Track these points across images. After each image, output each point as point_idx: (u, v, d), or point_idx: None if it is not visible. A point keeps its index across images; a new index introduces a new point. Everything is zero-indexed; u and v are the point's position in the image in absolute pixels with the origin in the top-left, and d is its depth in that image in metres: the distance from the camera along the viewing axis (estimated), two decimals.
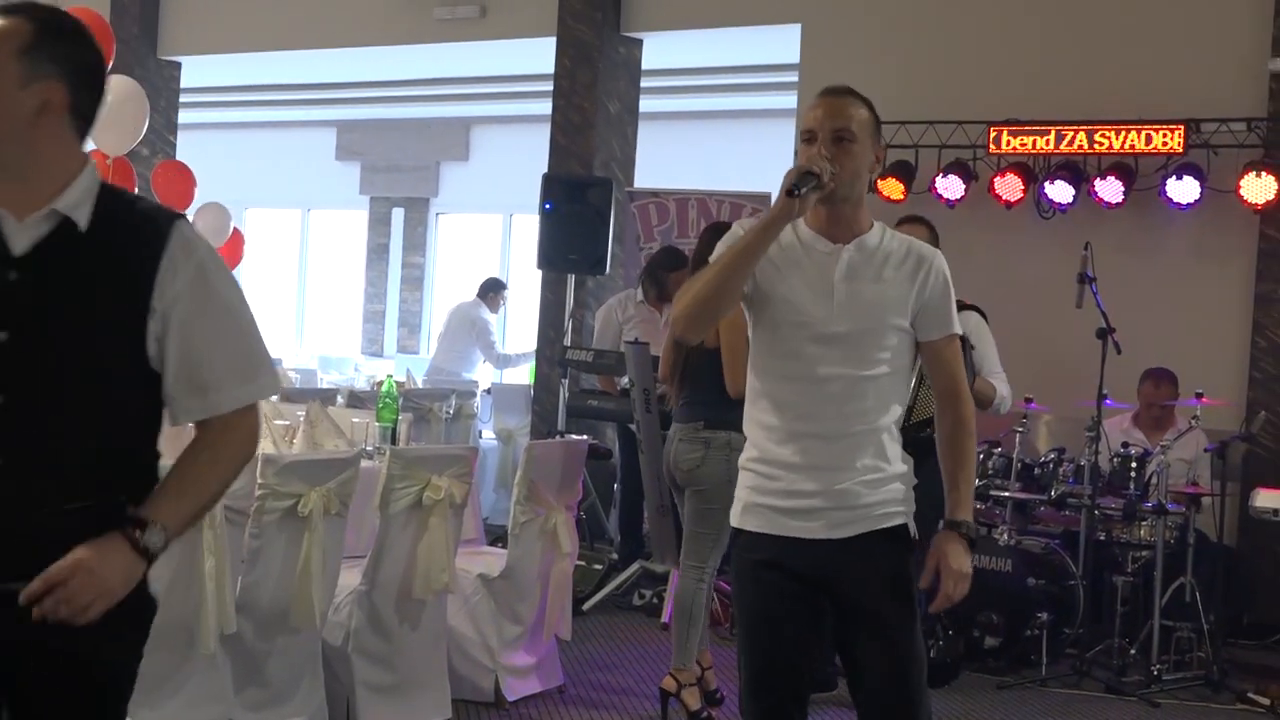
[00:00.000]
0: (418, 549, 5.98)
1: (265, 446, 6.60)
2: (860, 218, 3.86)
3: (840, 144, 3.76)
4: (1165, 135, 8.98)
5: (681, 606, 6.42)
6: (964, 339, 5.87)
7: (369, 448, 6.69)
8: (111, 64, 14.40)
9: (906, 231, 4.15)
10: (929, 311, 3.84)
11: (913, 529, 3.87)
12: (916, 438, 5.39)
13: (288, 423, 6.88)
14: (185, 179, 12.20)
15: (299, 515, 5.48)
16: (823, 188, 3.68)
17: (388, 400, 7.06)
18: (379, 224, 18.36)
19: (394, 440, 6.93)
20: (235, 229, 13.77)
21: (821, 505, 3.76)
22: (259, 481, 5.38)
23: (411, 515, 5.97)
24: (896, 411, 3.86)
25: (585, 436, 9.80)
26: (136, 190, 14.32)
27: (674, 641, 6.48)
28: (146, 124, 10.08)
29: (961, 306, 6.43)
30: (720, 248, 3.81)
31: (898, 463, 3.84)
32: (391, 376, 7.67)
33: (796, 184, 3.65)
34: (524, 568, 6.54)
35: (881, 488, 3.80)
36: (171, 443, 2.99)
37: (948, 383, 3.91)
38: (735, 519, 3.93)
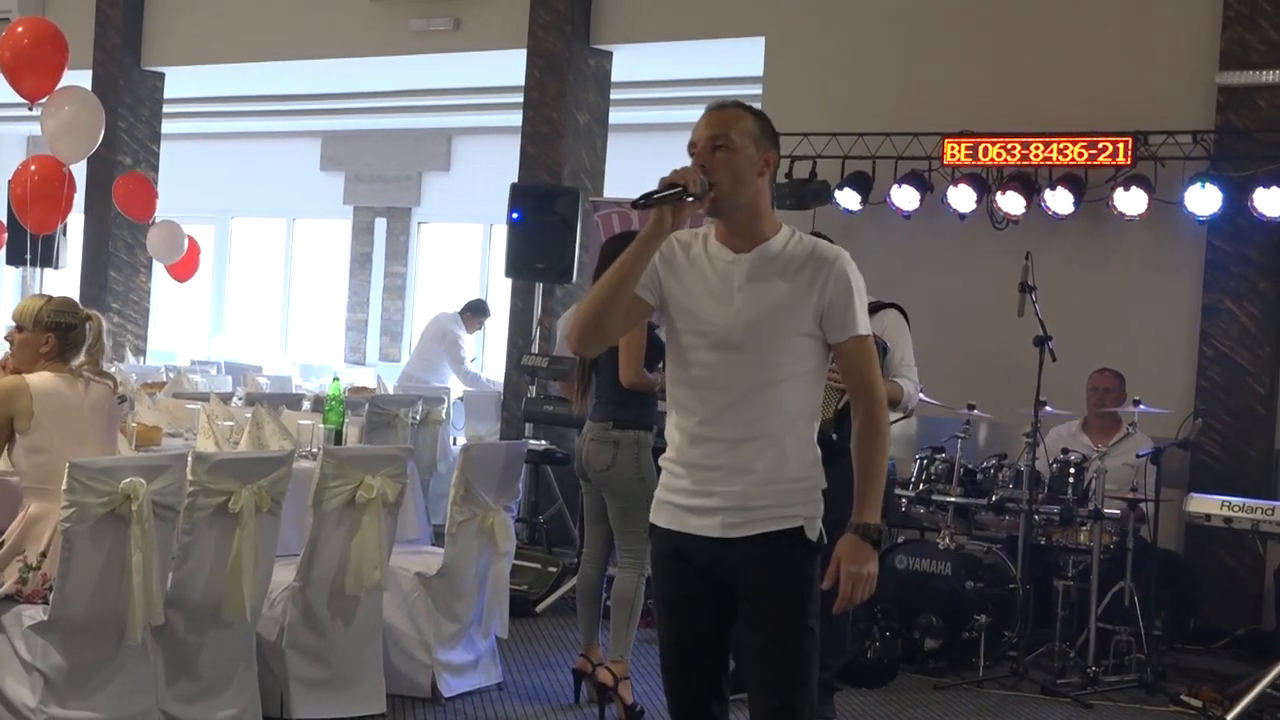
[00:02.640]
0: (351, 546, 6.08)
1: (207, 446, 6.74)
2: (761, 225, 3.92)
3: (717, 152, 3.84)
4: (1114, 148, 9.08)
5: (622, 598, 6.57)
6: (879, 341, 6.00)
7: (313, 449, 6.80)
8: (92, 74, 14.63)
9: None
10: (832, 314, 3.88)
11: (812, 532, 3.91)
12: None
13: (233, 423, 6.99)
14: (146, 191, 12.32)
15: (230, 512, 5.58)
16: (694, 196, 3.75)
17: (334, 403, 7.17)
18: (362, 233, 18.47)
19: (339, 442, 7.05)
20: (191, 240, 13.88)
21: (719, 505, 3.87)
22: (190, 479, 5.49)
23: (345, 513, 6.08)
24: (802, 416, 3.92)
25: (543, 441, 9.96)
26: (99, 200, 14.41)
27: (612, 634, 6.61)
28: (102, 133, 10.18)
29: (881, 305, 6.60)
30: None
31: (802, 467, 3.90)
32: (338, 380, 7.76)
33: (652, 194, 3.73)
34: (461, 566, 6.63)
35: (780, 491, 3.87)
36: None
37: (857, 382, 3.96)
38: (651, 514, 4.07)
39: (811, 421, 3.97)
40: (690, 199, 3.75)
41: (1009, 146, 9.37)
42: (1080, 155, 9.18)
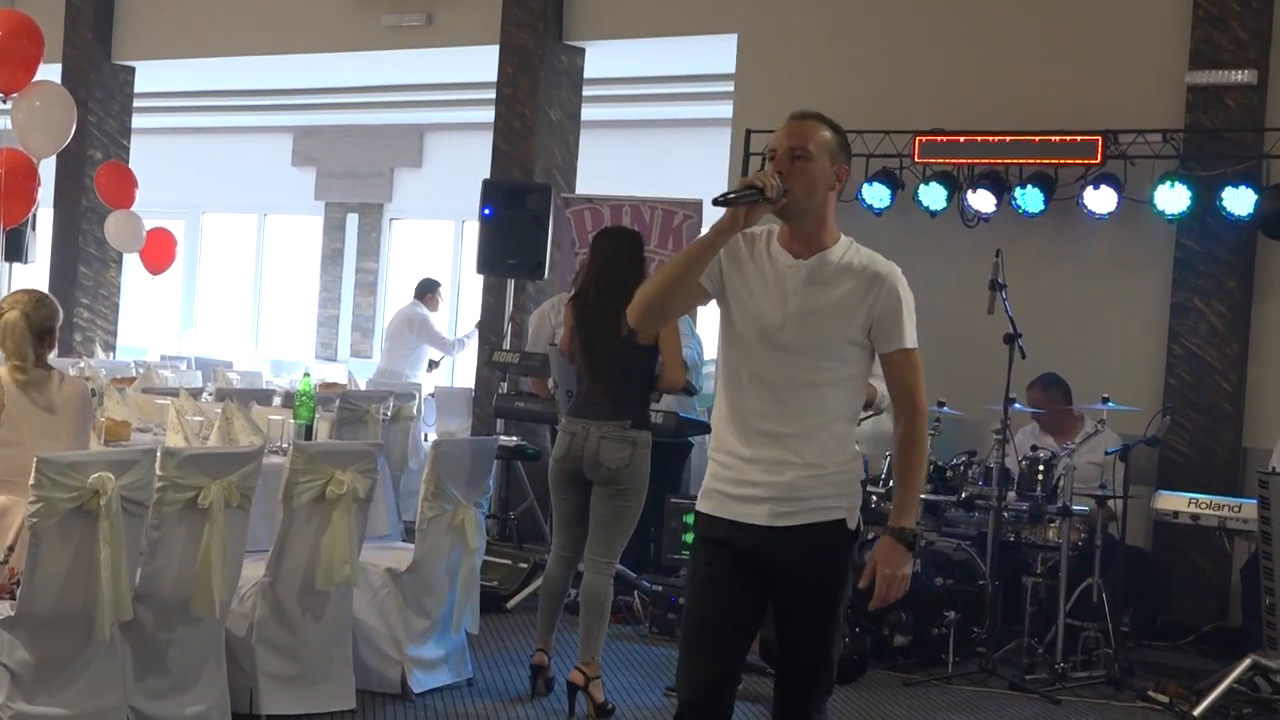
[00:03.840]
0: (321, 542, 6.08)
1: (176, 441, 6.73)
2: (824, 234, 4.14)
3: (795, 161, 4.06)
4: (1084, 146, 9.11)
5: (595, 601, 6.57)
6: None
7: (283, 444, 6.79)
8: (61, 68, 14.57)
9: None
10: (880, 326, 4.11)
11: (852, 521, 4.14)
12: None
13: (203, 419, 6.98)
14: (127, 181, 12.29)
15: (199, 508, 5.57)
16: (768, 200, 3.97)
17: (304, 399, 7.16)
18: (334, 229, 18.43)
19: (310, 438, 7.04)
20: (158, 232, 13.81)
21: (766, 495, 4.09)
22: (159, 474, 5.47)
23: (315, 509, 6.07)
24: (841, 418, 4.13)
25: (514, 437, 9.96)
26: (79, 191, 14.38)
27: (581, 636, 6.62)
28: (74, 127, 10.15)
29: None
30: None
31: (844, 461, 4.12)
32: (309, 375, 7.75)
33: (731, 193, 3.96)
34: (431, 562, 6.63)
35: (824, 483, 4.09)
36: None
37: (898, 393, 4.20)
38: (698, 503, 4.27)
39: (850, 423, 4.19)
40: (765, 202, 3.97)
41: (980, 144, 9.41)
42: (1050, 154, 9.21)
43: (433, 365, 13.85)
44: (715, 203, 3.98)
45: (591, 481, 6.61)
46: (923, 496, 8.12)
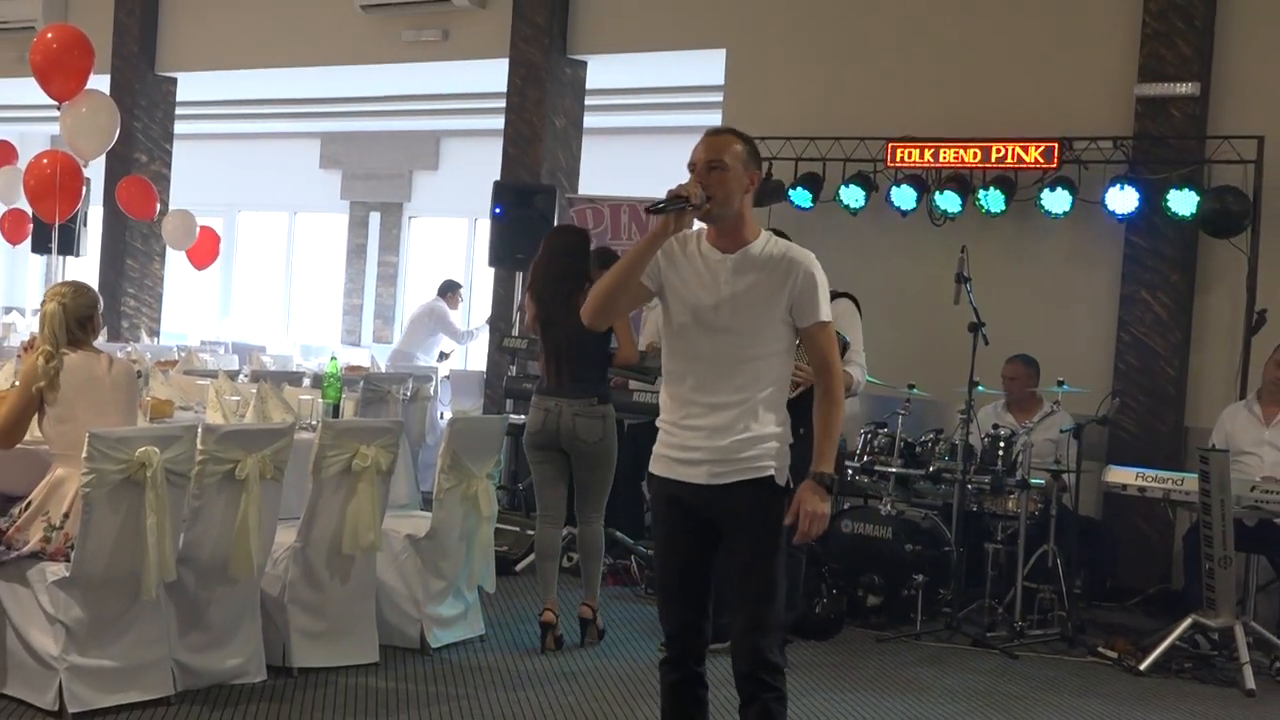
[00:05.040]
0: (347, 510, 6.08)
1: (215, 418, 6.71)
2: (745, 230, 4.32)
3: (712, 171, 4.25)
4: (1040, 151, 9.10)
5: (591, 548, 7.01)
6: (840, 336, 6.12)
7: (312, 421, 6.78)
8: (110, 79, 14.52)
9: None
10: (799, 304, 4.29)
11: (780, 479, 4.29)
12: None
13: (239, 398, 6.96)
14: (146, 191, 12.25)
15: (237, 479, 5.58)
16: (694, 207, 4.16)
17: (332, 380, 7.15)
18: (358, 226, 18.40)
19: (337, 415, 7.02)
20: (205, 230, 13.80)
21: (704, 458, 4.27)
22: (199, 448, 5.48)
23: (342, 480, 6.07)
24: (772, 386, 4.29)
25: (521, 415, 9.92)
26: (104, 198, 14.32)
27: (585, 579, 7.05)
28: (117, 132, 10.11)
29: (835, 294, 6.61)
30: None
31: (772, 426, 4.28)
32: (335, 359, 7.74)
33: (659, 202, 4.13)
34: (447, 529, 6.62)
35: (755, 446, 4.25)
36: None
37: (818, 361, 4.37)
38: (650, 465, 4.43)
39: (780, 392, 4.34)
40: (691, 208, 4.18)
41: (947, 150, 9.39)
42: (1011, 158, 9.20)
43: (443, 356, 13.97)
44: (648, 211, 4.19)
45: (567, 453, 6.91)
46: (894, 470, 8.17)
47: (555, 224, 10.84)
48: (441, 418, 11.97)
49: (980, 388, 8.00)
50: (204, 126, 17.95)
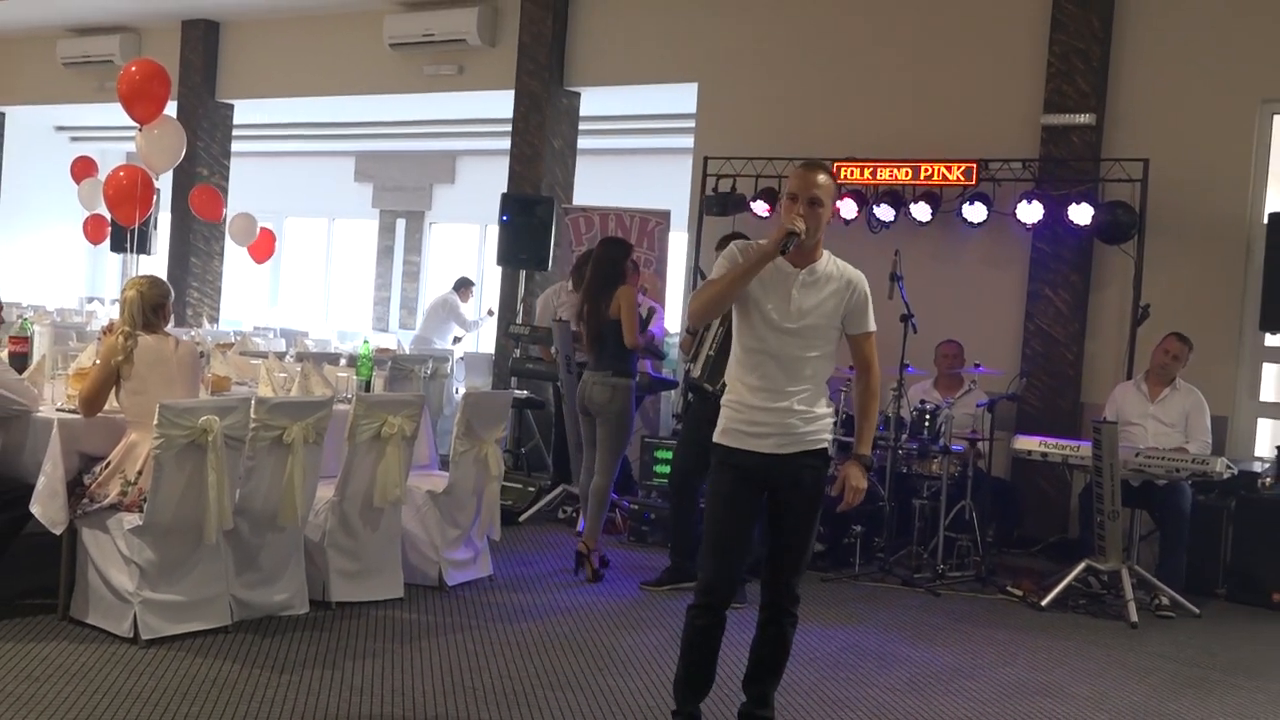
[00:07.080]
0: (377, 470, 6.08)
1: (266, 392, 6.70)
2: (816, 251, 4.36)
3: (812, 206, 4.27)
4: (961, 171, 9.12)
5: (597, 496, 7.19)
6: None
7: (348, 395, 6.77)
8: (177, 105, 14.44)
9: None
10: (853, 315, 4.38)
11: (830, 451, 4.47)
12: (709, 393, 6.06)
13: (286, 375, 6.95)
14: (214, 198, 12.19)
15: (284, 443, 5.58)
16: (800, 239, 4.18)
17: (365, 360, 7.14)
18: (386, 231, 18.34)
19: (368, 390, 7.02)
20: (264, 230, 13.78)
21: (771, 432, 4.30)
22: (253, 417, 5.48)
23: (373, 445, 6.07)
24: (824, 376, 4.37)
25: (524, 391, 9.94)
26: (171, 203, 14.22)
27: (590, 522, 7.23)
28: (184, 150, 10.06)
29: None
30: (723, 262, 4.27)
31: (823, 408, 4.38)
32: (368, 342, 7.72)
33: (785, 242, 4.15)
34: (461, 486, 6.62)
35: (812, 424, 4.33)
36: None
37: (861, 362, 4.44)
38: (717, 436, 4.42)
39: (825, 383, 4.40)
40: (798, 240, 4.21)
41: (883, 169, 9.40)
42: (937, 177, 9.22)
43: (455, 340, 13.98)
44: (780, 253, 4.16)
45: (591, 414, 7.19)
46: (837, 439, 8.14)
47: (553, 229, 10.84)
48: (456, 392, 11.95)
49: (910, 369, 8.03)
50: (256, 145, 17.86)
